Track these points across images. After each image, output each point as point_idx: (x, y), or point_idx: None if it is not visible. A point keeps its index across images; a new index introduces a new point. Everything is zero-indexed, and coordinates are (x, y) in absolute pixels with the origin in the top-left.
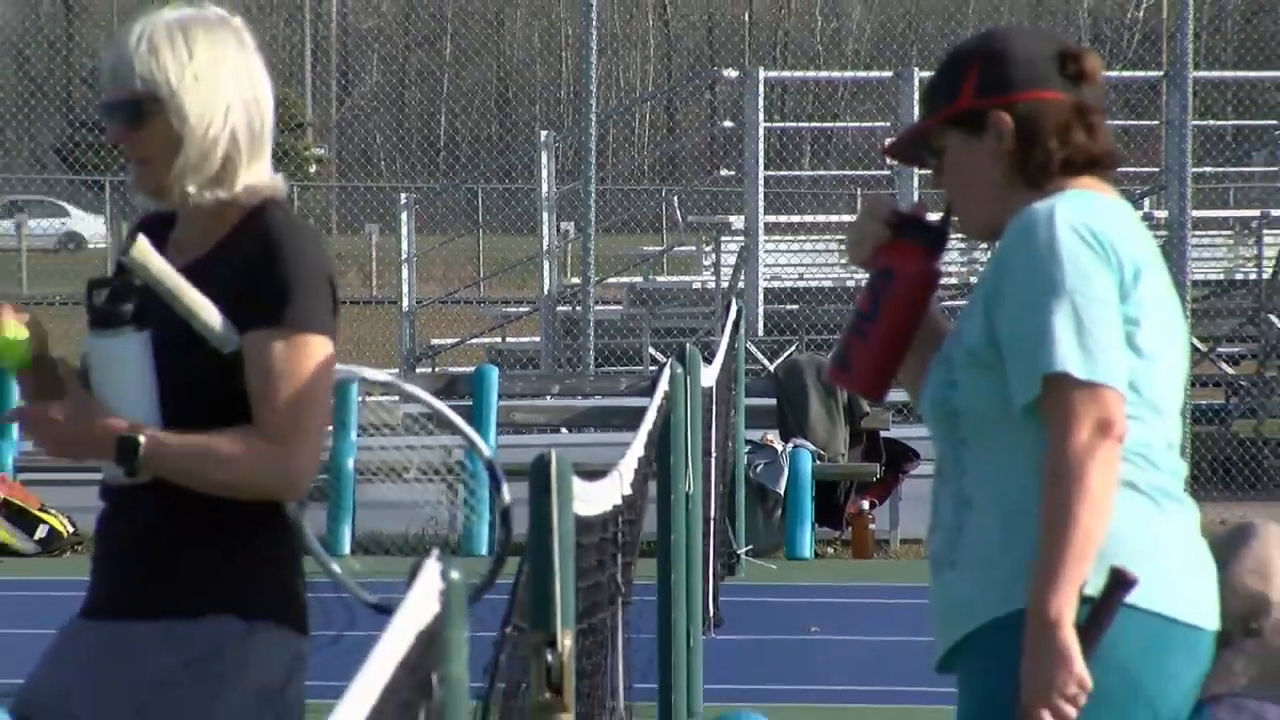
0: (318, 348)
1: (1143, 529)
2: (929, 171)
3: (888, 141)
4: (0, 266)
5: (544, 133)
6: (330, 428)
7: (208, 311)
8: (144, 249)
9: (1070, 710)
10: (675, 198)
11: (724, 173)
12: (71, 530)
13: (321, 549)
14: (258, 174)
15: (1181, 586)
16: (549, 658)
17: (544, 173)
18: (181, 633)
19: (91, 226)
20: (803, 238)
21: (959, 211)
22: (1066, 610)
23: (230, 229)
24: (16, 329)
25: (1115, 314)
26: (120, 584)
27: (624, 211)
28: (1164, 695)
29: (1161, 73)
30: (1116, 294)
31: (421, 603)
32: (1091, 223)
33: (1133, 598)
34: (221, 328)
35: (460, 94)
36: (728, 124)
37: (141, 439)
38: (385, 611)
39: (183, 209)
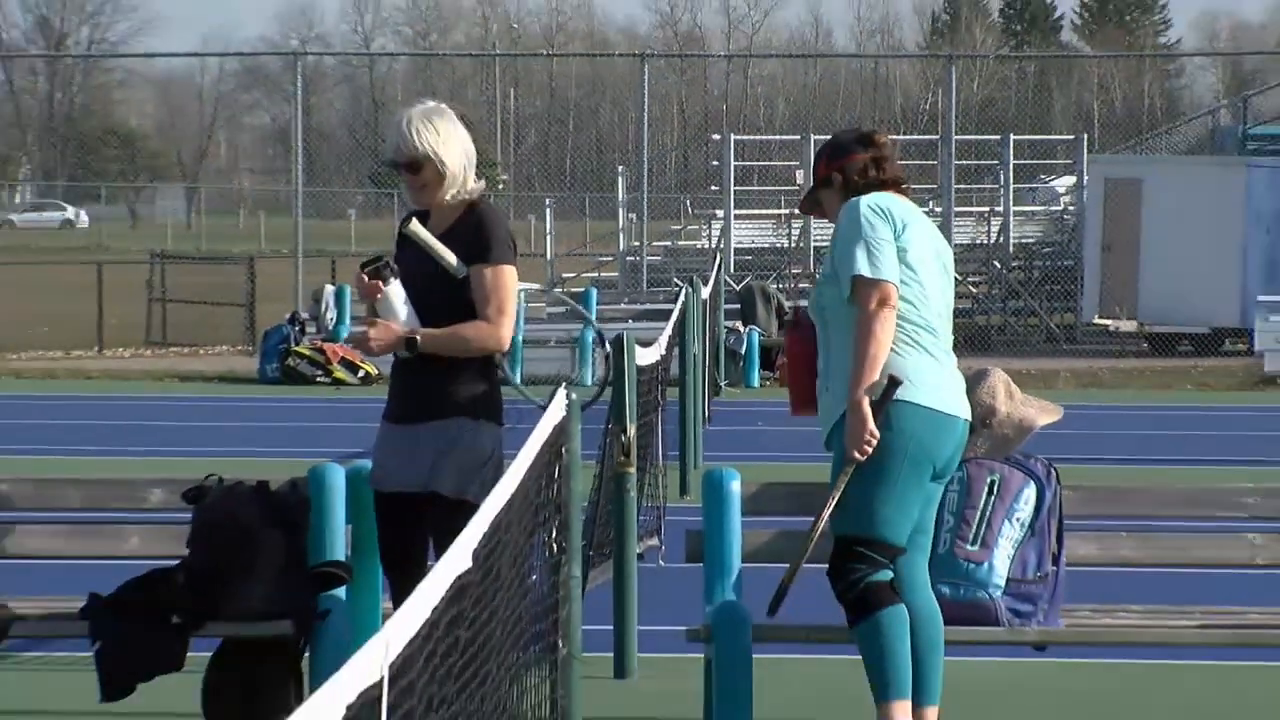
0: (508, 272)
1: (927, 368)
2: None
3: (799, 203)
4: (36, 239)
5: (620, 167)
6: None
7: (450, 256)
8: (416, 225)
9: (867, 449)
10: (688, 201)
11: (713, 188)
12: (377, 372)
13: (514, 378)
14: (471, 186)
15: (946, 396)
16: (623, 439)
17: (620, 188)
18: (445, 427)
19: (78, 217)
20: (753, 223)
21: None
22: (864, 398)
23: (460, 214)
24: None
25: (891, 245)
26: (411, 405)
27: (661, 208)
28: (938, 453)
29: (938, 136)
30: (892, 235)
31: (557, 410)
32: (878, 202)
33: (922, 399)
34: (457, 264)
35: (576, 147)
36: (715, 163)
37: (418, 337)
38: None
39: (436, 208)
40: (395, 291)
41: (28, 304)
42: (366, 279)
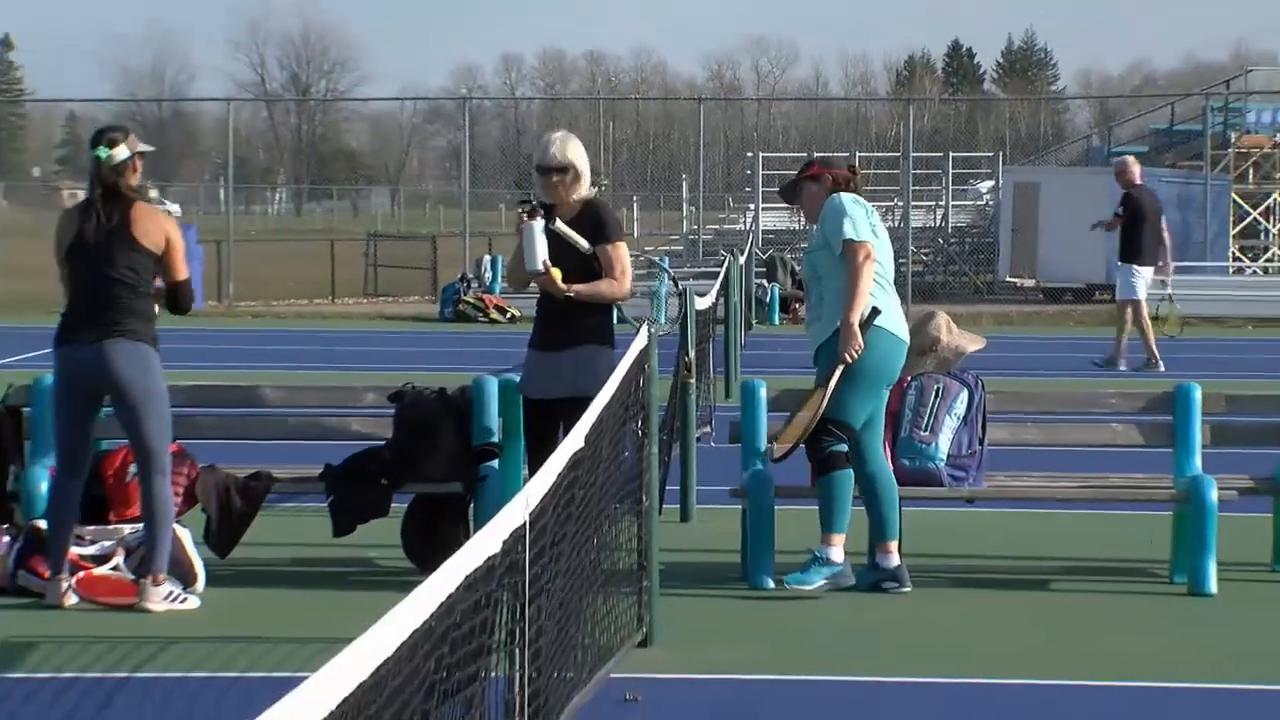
0: (623, 246)
1: (891, 306)
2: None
3: (781, 189)
4: (290, 225)
5: (684, 175)
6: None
7: (581, 240)
8: (561, 224)
9: (855, 353)
10: (730, 198)
11: (747, 189)
12: (520, 314)
13: (625, 315)
14: (586, 190)
15: (898, 325)
16: (686, 359)
17: (684, 189)
18: (580, 352)
19: (175, 210)
20: (775, 214)
21: (808, 215)
22: (855, 320)
23: (581, 208)
24: None
25: (866, 221)
26: (556, 337)
27: (712, 203)
28: (895, 369)
29: (900, 153)
30: (865, 214)
31: (641, 339)
32: (851, 197)
33: (889, 326)
34: (586, 246)
35: (655, 162)
36: (748, 172)
37: (571, 293)
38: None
39: (562, 203)
40: (536, 226)
41: (283, 268)
42: (521, 213)
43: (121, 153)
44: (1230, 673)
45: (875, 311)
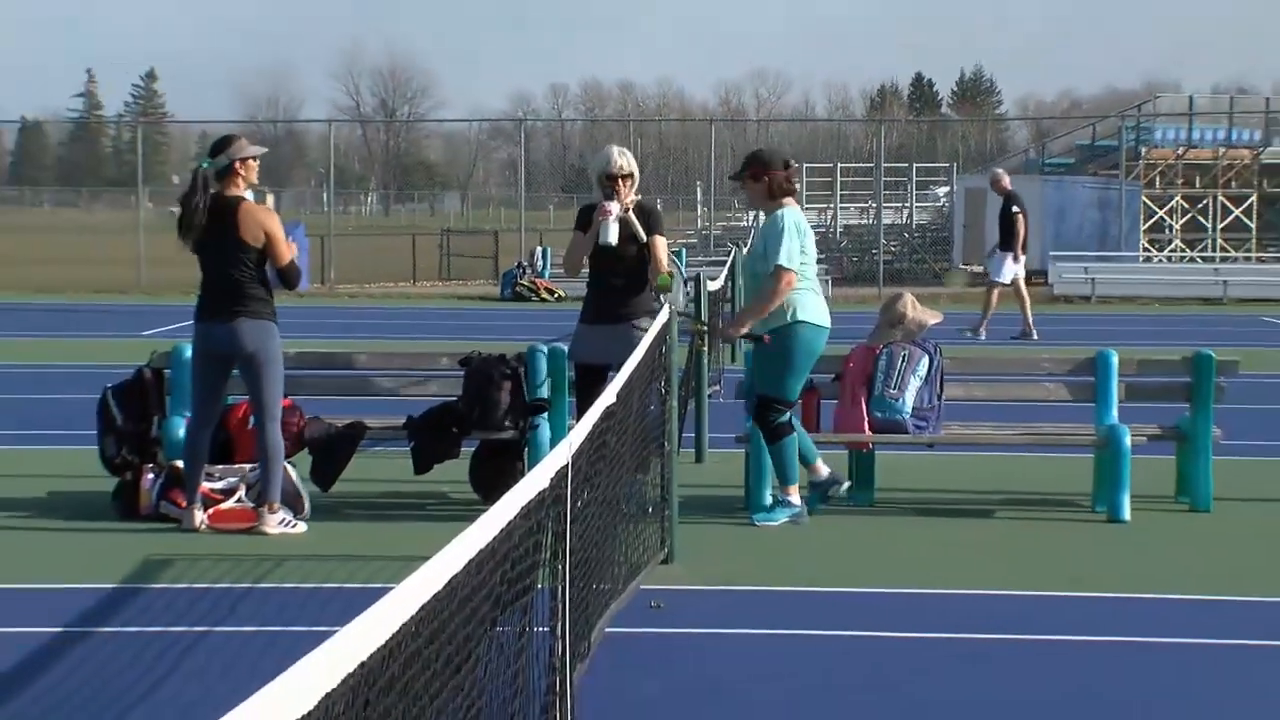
0: (664, 240)
1: (815, 302)
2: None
3: (732, 173)
4: (378, 221)
5: (698, 182)
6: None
7: (640, 229)
8: (631, 216)
9: (733, 335)
10: (736, 200)
11: None
12: (565, 295)
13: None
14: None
15: (823, 316)
16: (700, 327)
17: (698, 193)
18: (634, 325)
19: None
20: None
21: (752, 202)
22: (748, 324)
23: (634, 206)
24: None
25: (798, 244)
26: (616, 312)
27: (721, 204)
28: (817, 348)
29: (873, 164)
30: (798, 236)
31: (664, 314)
32: (793, 217)
33: (813, 319)
34: (642, 233)
35: (676, 171)
36: None
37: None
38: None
39: (623, 202)
40: (615, 210)
41: (374, 257)
42: (605, 204)
43: (220, 161)
44: (1142, 585)
45: (762, 339)
